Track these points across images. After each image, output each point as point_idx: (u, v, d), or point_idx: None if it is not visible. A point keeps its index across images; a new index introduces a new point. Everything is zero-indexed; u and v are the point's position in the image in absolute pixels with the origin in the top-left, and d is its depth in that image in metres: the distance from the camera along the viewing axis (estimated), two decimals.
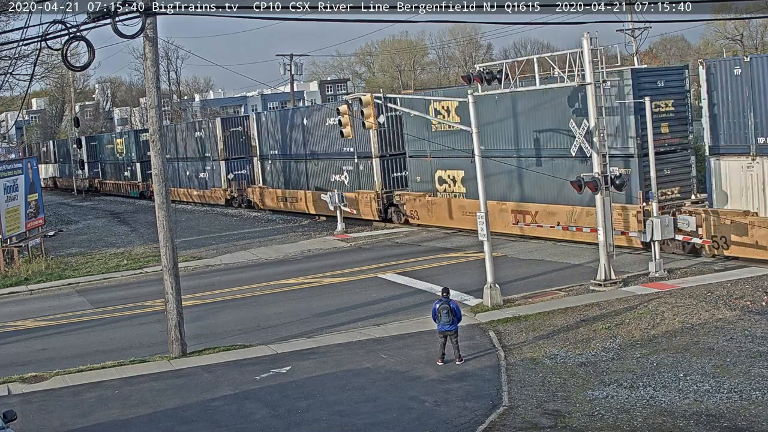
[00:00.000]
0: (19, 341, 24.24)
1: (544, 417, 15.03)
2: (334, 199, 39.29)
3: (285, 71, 69.50)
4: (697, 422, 14.14)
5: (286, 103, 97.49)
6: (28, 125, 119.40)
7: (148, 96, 21.13)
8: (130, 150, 69.90)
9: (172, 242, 20.94)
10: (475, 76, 25.79)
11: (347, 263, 31.92)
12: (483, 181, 23.66)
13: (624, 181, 24.50)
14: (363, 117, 27.53)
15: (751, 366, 16.47)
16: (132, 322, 25.52)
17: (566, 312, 21.81)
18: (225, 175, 54.84)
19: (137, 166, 68.38)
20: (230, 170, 54.80)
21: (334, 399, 16.81)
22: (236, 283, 30.07)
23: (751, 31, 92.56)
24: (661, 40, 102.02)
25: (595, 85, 24.30)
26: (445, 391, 16.75)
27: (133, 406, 17.31)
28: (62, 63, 20.65)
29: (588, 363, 17.73)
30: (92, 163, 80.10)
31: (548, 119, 30.66)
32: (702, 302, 20.91)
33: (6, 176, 36.94)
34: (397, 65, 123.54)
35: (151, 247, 38.14)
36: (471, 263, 29.36)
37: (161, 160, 20.91)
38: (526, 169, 31.69)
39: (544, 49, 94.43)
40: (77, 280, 33.02)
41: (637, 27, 54.53)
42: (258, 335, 22.54)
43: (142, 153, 66.92)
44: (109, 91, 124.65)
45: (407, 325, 22.11)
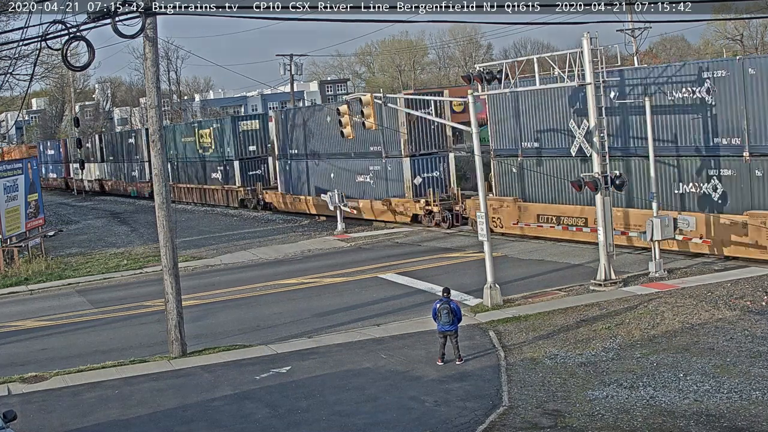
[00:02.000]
0: (19, 341, 24.24)
1: (544, 417, 15.03)
2: (334, 199, 39.28)
3: (285, 71, 69.56)
4: (697, 422, 14.14)
5: (286, 103, 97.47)
6: (28, 125, 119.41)
7: (148, 96, 21.13)
8: (222, 144, 54.51)
9: (172, 242, 20.94)
10: (475, 76, 25.79)
11: (347, 263, 31.92)
12: (483, 181, 23.72)
13: (624, 181, 24.53)
14: (364, 117, 27.55)
15: (751, 366, 16.47)
16: (132, 322, 25.52)
17: (566, 312, 21.81)
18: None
19: (234, 166, 52.75)
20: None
21: (334, 399, 16.81)
22: (236, 283, 30.08)
23: (751, 31, 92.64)
24: (661, 40, 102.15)
25: (595, 85, 24.30)
26: (445, 391, 16.75)
27: (133, 406, 17.31)
28: (62, 63, 20.65)
29: (588, 363, 17.73)
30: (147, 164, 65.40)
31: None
32: (702, 302, 20.91)
33: (6, 176, 36.94)
34: (397, 65, 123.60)
35: (151, 247, 38.14)
36: (471, 263, 29.36)
37: (161, 160, 20.91)
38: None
39: (544, 49, 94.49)
40: (77, 280, 33.02)
41: (637, 27, 54.57)
42: (258, 335, 22.54)
43: (242, 147, 53.05)
44: (109, 91, 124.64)
45: (407, 325, 22.11)
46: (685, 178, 27.20)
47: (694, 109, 26.59)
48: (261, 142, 53.59)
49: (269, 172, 53.09)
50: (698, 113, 26.47)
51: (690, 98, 26.68)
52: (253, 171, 53.28)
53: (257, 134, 53.60)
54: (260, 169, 53.40)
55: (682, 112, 27.08)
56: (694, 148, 26.81)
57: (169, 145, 58.09)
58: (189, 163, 60.23)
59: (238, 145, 52.92)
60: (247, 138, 53.31)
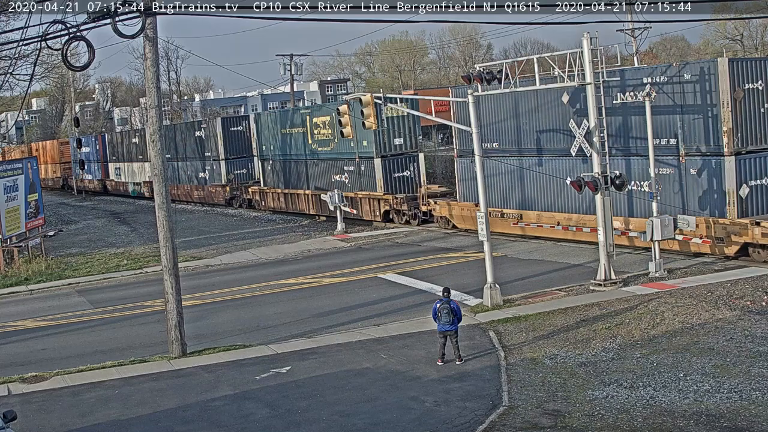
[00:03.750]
0: (19, 341, 24.24)
1: (544, 417, 15.03)
2: (335, 199, 39.28)
3: (285, 71, 69.49)
4: (697, 422, 14.14)
5: (286, 103, 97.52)
6: (28, 125, 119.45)
7: (148, 96, 21.13)
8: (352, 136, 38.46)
9: (172, 242, 20.94)
10: (475, 76, 25.78)
11: (347, 263, 31.92)
12: (483, 181, 23.71)
13: (624, 181, 24.54)
14: (363, 117, 27.54)
15: (751, 366, 16.47)
16: (132, 322, 25.52)
17: (566, 312, 21.81)
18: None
19: (377, 164, 40.39)
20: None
21: (334, 399, 16.81)
22: (236, 283, 30.08)
23: (751, 31, 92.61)
24: (661, 40, 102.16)
25: (595, 85, 24.31)
26: (445, 391, 16.75)
27: (133, 406, 17.31)
28: (62, 63, 20.64)
29: (588, 363, 17.73)
30: (234, 161, 54.60)
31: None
32: (702, 302, 20.90)
33: (6, 176, 36.95)
34: (397, 65, 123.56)
35: (151, 247, 38.15)
36: (471, 263, 29.36)
37: (161, 160, 20.92)
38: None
39: (544, 49, 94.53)
40: (77, 280, 33.03)
41: (637, 27, 54.52)
42: (258, 335, 22.54)
43: (385, 142, 40.31)
44: (109, 91, 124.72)
45: (407, 325, 22.11)
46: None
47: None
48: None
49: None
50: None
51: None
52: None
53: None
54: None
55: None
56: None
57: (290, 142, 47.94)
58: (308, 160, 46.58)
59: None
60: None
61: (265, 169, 50.62)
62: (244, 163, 54.85)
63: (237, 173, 54.43)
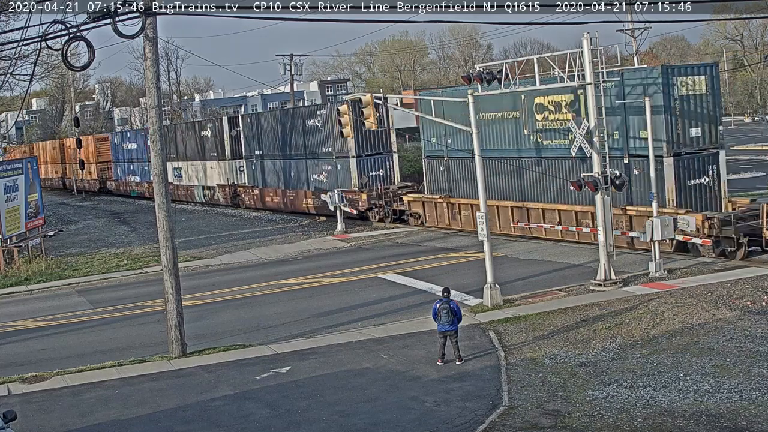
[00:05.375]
0: (19, 341, 24.24)
1: (544, 417, 15.03)
2: (335, 199, 39.26)
3: (285, 71, 69.50)
4: (697, 422, 14.14)
5: (286, 103, 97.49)
6: (28, 125, 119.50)
7: (148, 96, 21.13)
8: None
9: (172, 242, 20.94)
10: (475, 76, 25.77)
11: (347, 263, 31.92)
12: (483, 181, 23.71)
13: (624, 181, 24.54)
14: (363, 116, 27.53)
15: (751, 366, 16.48)
16: (132, 322, 25.52)
17: (566, 312, 21.81)
18: None
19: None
20: None
21: (334, 399, 16.81)
22: (236, 283, 30.07)
23: (751, 31, 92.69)
24: (661, 40, 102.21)
25: (594, 85, 24.30)
26: (445, 391, 16.75)
27: (133, 406, 17.31)
28: (62, 63, 20.64)
29: (588, 363, 17.73)
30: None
31: None
32: (702, 302, 20.91)
33: (6, 176, 36.95)
34: (397, 65, 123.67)
35: (151, 247, 38.13)
36: (471, 263, 29.35)
37: (161, 160, 20.91)
38: None
39: (544, 49, 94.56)
40: (77, 280, 33.02)
41: (637, 27, 54.55)
42: (258, 335, 22.54)
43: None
44: (109, 91, 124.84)
45: (407, 325, 22.11)
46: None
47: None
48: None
49: None
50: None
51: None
52: None
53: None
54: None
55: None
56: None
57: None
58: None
59: None
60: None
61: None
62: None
63: (372, 175, 41.04)
